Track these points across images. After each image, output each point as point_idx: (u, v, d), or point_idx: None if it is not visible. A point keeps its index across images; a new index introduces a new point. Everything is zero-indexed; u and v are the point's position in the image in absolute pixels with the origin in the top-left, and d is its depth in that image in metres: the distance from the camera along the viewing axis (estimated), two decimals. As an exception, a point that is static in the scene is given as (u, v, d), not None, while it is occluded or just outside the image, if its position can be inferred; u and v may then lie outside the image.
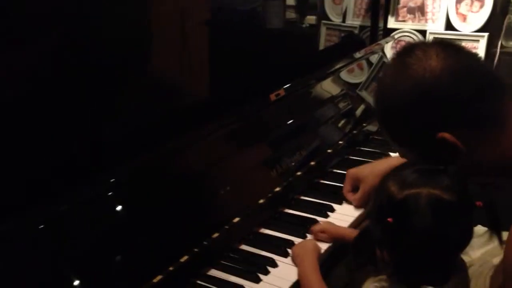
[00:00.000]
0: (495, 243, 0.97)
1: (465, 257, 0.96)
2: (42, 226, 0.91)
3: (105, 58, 1.10)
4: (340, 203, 1.36)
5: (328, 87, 1.70)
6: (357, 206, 1.33)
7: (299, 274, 1.09)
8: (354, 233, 1.12)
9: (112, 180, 1.02)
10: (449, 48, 0.93)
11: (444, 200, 0.86)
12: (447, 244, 0.89)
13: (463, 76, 0.91)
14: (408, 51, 0.95)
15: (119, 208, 1.03)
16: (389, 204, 0.90)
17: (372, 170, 1.34)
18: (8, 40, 0.92)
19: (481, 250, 1.18)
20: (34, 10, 0.94)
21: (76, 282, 0.92)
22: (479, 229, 1.02)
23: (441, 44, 0.96)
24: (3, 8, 0.89)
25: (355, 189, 1.36)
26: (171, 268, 1.03)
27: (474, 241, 0.96)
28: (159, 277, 1.01)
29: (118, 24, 1.13)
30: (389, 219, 0.87)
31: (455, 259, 0.94)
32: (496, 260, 1.11)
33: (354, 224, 1.29)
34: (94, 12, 1.05)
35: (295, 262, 1.12)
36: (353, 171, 1.38)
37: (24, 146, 0.97)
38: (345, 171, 1.53)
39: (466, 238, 0.91)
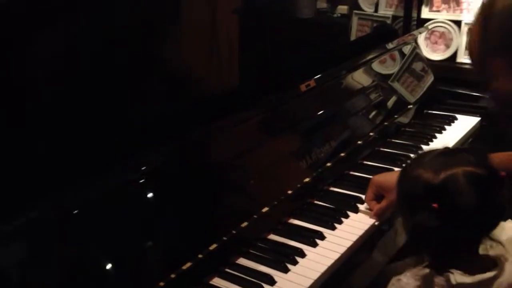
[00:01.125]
0: None
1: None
2: (76, 211, 0.93)
3: (132, 47, 1.11)
4: (370, 195, 1.35)
5: (359, 78, 1.68)
6: (377, 217, 1.25)
7: None
8: None
9: (143, 168, 1.03)
10: None
11: (479, 175, 0.89)
12: (490, 218, 0.91)
13: None
14: None
15: (150, 195, 1.04)
16: (428, 191, 0.90)
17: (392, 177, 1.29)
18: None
19: None
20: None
21: (108, 266, 0.94)
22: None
23: None
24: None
25: (378, 197, 1.27)
26: (200, 256, 1.04)
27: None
28: (188, 264, 1.02)
29: (147, 12, 1.14)
30: (434, 205, 0.88)
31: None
32: None
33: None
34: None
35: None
36: (379, 179, 1.28)
37: (55, 130, 0.98)
38: (376, 163, 1.52)
39: (504, 207, 0.92)
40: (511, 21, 0.92)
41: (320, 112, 1.49)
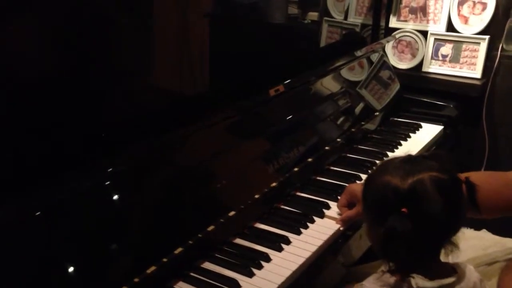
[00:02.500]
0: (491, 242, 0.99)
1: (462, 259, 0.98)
2: (38, 213, 0.91)
3: (104, 52, 1.09)
4: (335, 200, 1.36)
5: (328, 84, 1.70)
6: (343, 223, 1.26)
7: None
8: None
9: (109, 170, 1.02)
10: None
11: (444, 179, 0.91)
12: (455, 220, 0.94)
13: None
14: None
15: (115, 197, 1.03)
16: (396, 197, 0.92)
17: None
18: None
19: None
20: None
21: (70, 270, 0.92)
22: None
23: None
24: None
25: (350, 205, 1.28)
26: (165, 260, 1.03)
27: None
28: (152, 268, 1.01)
29: (116, 16, 1.12)
30: (403, 210, 0.89)
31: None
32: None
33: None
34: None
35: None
36: (354, 188, 1.28)
37: (22, 132, 0.96)
38: (342, 168, 1.54)
39: (464, 212, 0.97)
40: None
41: (289, 117, 1.50)
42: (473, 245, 1.25)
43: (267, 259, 1.13)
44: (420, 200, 0.90)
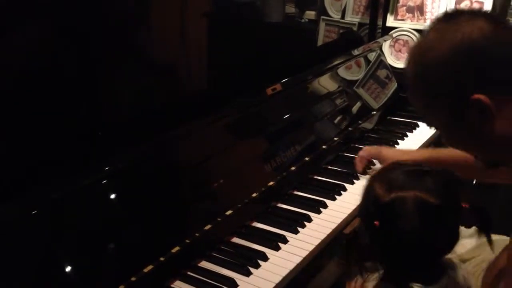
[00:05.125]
0: (482, 241, 0.97)
1: (452, 255, 0.96)
2: (35, 211, 0.91)
3: (99, 49, 1.09)
4: (333, 199, 1.36)
5: (325, 83, 1.70)
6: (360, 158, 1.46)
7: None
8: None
9: (106, 169, 1.02)
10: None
11: (430, 203, 0.87)
12: (433, 246, 0.90)
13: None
14: (453, 14, 0.89)
15: (112, 196, 1.03)
16: (375, 206, 0.90)
17: (394, 155, 1.40)
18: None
19: (468, 247, 1.19)
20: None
21: (67, 268, 0.92)
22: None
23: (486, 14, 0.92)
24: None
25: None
26: (162, 259, 1.03)
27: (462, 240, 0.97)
28: (150, 267, 1.01)
29: (114, 13, 1.12)
30: (376, 223, 0.88)
31: (442, 259, 0.94)
32: (486, 259, 1.12)
33: (347, 220, 1.30)
34: None
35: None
36: (385, 152, 1.44)
37: (20, 132, 0.96)
38: (339, 167, 1.54)
39: (452, 239, 0.91)
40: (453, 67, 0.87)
41: (286, 116, 1.50)
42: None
43: (265, 258, 1.13)
44: (394, 217, 0.88)
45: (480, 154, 0.95)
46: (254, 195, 1.28)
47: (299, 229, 1.23)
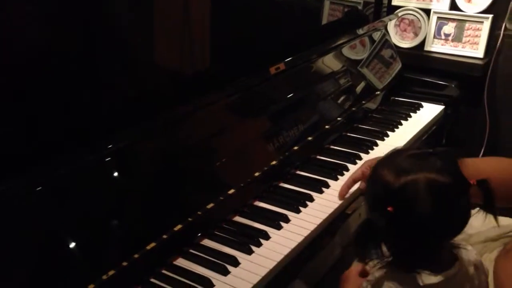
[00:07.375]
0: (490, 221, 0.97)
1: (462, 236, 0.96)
2: (39, 188, 0.92)
3: (96, 28, 1.08)
4: (335, 179, 1.36)
5: (329, 63, 1.69)
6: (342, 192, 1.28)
7: None
8: None
9: (109, 147, 1.02)
10: None
11: (441, 182, 0.87)
12: (449, 225, 0.90)
13: None
14: None
15: (115, 174, 1.03)
16: (387, 193, 0.90)
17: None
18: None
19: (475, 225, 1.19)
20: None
21: (71, 245, 0.92)
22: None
23: None
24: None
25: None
26: (164, 236, 1.04)
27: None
28: (152, 244, 1.02)
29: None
30: (389, 208, 0.87)
31: (453, 242, 0.95)
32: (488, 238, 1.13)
33: (349, 200, 1.30)
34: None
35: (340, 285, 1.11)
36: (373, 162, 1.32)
37: (24, 108, 0.96)
38: (342, 147, 1.54)
39: (466, 217, 0.91)
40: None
41: (289, 96, 1.49)
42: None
43: (266, 237, 1.13)
44: (408, 201, 0.87)
45: None
46: (256, 174, 1.28)
47: (301, 208, 1.24)
